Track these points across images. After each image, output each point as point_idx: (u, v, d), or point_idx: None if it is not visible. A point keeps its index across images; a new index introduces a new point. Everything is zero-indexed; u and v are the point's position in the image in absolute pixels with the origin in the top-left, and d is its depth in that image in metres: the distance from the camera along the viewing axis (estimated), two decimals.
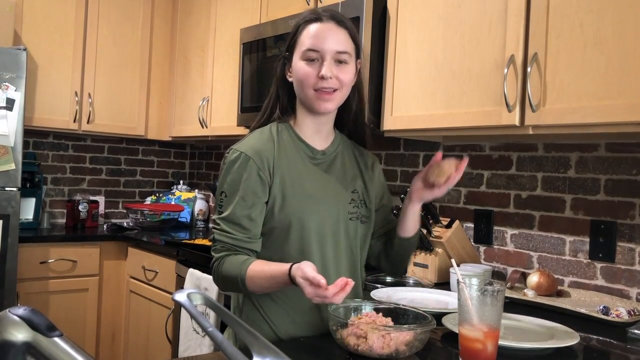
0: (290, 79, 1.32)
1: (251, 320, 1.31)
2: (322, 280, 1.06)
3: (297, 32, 1.29)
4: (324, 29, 1.26)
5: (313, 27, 1.27)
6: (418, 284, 1.94)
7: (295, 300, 1.28)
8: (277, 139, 1.31)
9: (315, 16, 1.28)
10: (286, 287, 1.17)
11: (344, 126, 1.43)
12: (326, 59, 1.25)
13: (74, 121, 3.17)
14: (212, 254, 1.29)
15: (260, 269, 1.20)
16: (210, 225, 1.34)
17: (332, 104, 1.29)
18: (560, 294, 1.77)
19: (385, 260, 1.46)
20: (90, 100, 3.23)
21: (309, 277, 1.07)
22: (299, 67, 1.27)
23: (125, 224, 3.50)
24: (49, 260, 2.90)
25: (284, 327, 1.30)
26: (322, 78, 1.24)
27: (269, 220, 1.28)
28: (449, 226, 2.04)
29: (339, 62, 1.27)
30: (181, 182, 3.83)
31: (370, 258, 1.46)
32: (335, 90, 1.27)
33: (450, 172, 1.26)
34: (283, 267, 1.16)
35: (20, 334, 0.55)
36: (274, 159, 1.28)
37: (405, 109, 1.99)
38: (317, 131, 1.35)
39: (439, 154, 1.29)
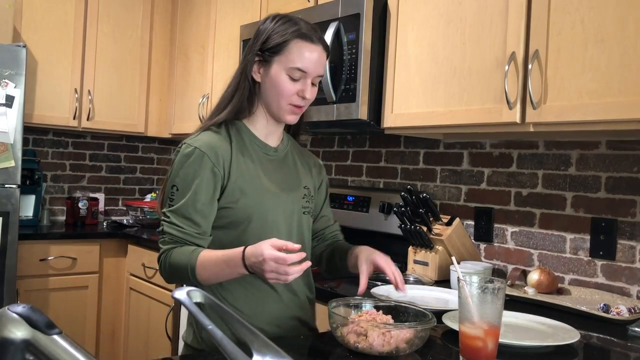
0: (257, 79, 1.34)
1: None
2: (296, 246, 1.13)
3: (286, 42, 1.30)
4: (315, 53, 1.32)
5: (305, 48, 1.30)
6: (418, 282, 1.94)
7: (261, 291, 1.32)
8: (233, 138, 1.35)
9: (308, 34, 1.31)
10: (237, 273, 1.20)
11: (289, 127, 1.51)
12: (308, 81, 1.32)
13: (74, 118, 3.17)
14: (160, 245, 1.29)
15: (211, 254, 1.22)
16: (160, 217, 1.35)
17: (298, 117, 1.38)
18: (560, 291, 1.77)
19: (325, 265, 1.54)
20: (90, 97, 3.22)
21: (279, 244, 1.12)
22: (282, 80, 1.31)
23: (125, 221, 3.50)
24: (49, 258, 2.90)
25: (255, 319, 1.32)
26: (303, 98, 1.32)
27: (228, 214, 1.31)
28: (449, 224, 2.04)
29: (313, 83, 1.35)
30: None
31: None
32: (303, 106, 1.36)
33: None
34: (236, 249, 1.19)
35: (19, 332, 0.55)
36: (230, 156, 1.31)
37: (406, 107, 1.98)
38: (271, 132, 1.41)
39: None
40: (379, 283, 1.83)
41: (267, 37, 1.32)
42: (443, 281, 1.97)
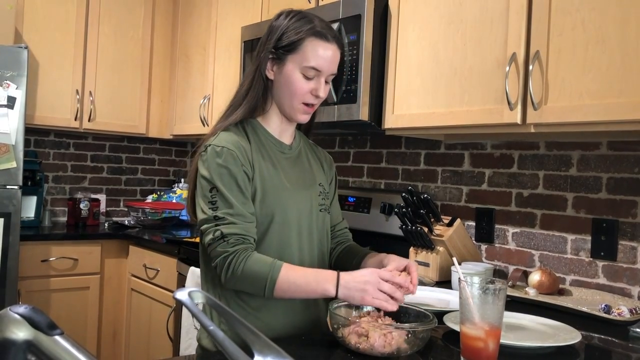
0: (270, 77, 1.33)
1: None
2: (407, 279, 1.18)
3: (301, 41, 1.29)
4: (330, 52, 1.30)
5: (320, 47, 1.29)
6: (419, 283, 1.94)
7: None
8: (250, 137, 1.34)
9: (323, 32, 1.30)
10: (321, 289, 1.18)
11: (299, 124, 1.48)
12: (322, 80, 1.32)
13: (75, 119, 3.17)
14: (226, 249, 1.22)
15: (297, 267, 1.23)
16: (203, 225, 1.30)
17: (310, 116, 1.38)
18: (561, 292, 1.76)
19: (334, 263, 1.50)
20: (91, 98, 3.23)
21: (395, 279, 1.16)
22: (295, 78, 1.30)
23: (126, 222, 3.50)
24: (50, 259, 2.90)
25: (273, 323, 1.31)
26: (317, 97, 1.32)
27: None
28: (450, 224, 2.04)
29: (326, 81, 1.33)
30: (182, 180, 3.83)
31: None
32: (315, 105, 1.35)
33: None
34: (327, 272, 1.20)
35: (21, 332, 0.55)
36: (251, 153, 1.30)
37: (407, 107, 1.98)
38: (285, 129, 1.40)
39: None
40: None
41: (281, 35, 1.30)
42: (444, 282, 1.97)
